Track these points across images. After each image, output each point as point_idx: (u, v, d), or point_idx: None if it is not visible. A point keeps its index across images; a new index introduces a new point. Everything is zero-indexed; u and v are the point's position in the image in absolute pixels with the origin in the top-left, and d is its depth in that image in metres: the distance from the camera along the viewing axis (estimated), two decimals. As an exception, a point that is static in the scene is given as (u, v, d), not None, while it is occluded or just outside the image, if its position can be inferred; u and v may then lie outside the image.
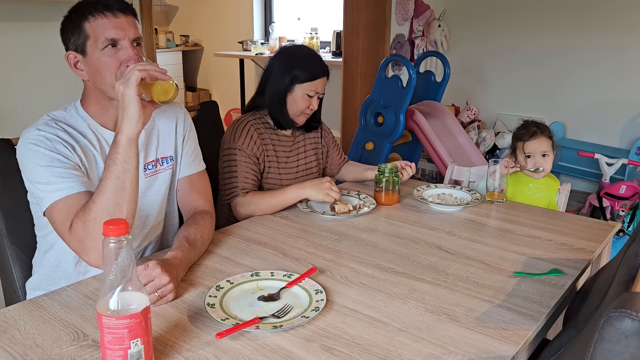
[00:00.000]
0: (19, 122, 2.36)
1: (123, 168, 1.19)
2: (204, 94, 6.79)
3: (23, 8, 2.32)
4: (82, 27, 1.27)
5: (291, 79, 1.80)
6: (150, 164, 1.43)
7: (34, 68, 2.41)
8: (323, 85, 1.85)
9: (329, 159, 2.09)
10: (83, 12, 1.27)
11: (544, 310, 1.15)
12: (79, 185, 1.23)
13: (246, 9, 6.21)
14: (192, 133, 1.56)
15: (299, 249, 1.45)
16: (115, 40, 1.27)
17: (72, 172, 1.24)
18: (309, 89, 1.81)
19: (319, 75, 1.81)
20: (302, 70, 1.80)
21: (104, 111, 1.36)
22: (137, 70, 1.18)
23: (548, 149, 2.02)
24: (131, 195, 1.21)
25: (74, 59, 1.31)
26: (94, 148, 1.33)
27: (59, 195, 1.21)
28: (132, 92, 1.18)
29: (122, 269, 0.87)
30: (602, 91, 3.92)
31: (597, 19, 3.84)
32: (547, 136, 2.04)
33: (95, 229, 1.16)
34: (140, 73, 1.18)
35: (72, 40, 1.29)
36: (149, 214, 1.44)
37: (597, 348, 0.71)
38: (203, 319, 1.10)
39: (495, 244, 1.50)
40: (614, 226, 1.66)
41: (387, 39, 4.00)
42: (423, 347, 1.01)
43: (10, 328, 1.06)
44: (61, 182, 1.22)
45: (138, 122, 1.20)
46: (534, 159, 2.02)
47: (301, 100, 1.82)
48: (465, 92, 4.51)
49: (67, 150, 1.26)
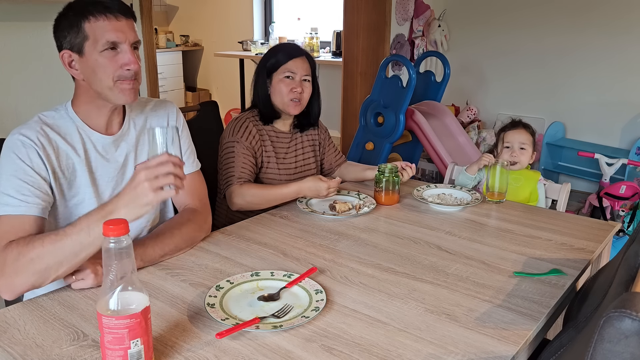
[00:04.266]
0: (19, 122, 2.35)
1: (92, 241, 1.12)
2: (204, 94, 6.79)
3: (23, 8, 2.32)
4: (80, 26, 1.25)
5: (267, 72, 1.89)
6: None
7: (34, 68, 2.41)
8: (301, 66, 1.87)
9: (325, 156, 2.10)
10: (82, 12, 1.25)
11: (544, 310, 1.15)
12: (30, 209, 1.20)
13: (246, 9, 6.21)
14: (185, 132, 1.55)
15: (299, 249, 1.45)
16: (116, 43, 1.26)
17: (32, 191, 1.21)
18: (283, 73, 1.86)
19: (289, 57, 1.86)
20: (272, 59, 1.88)
21: (95, 111, 1.34)
22: (172, 191, 1.12)
23: (527, 142, 2.09)
24: (76, 264, 1.16)
25: (69, 57, 1.29)
26: (75, 154, 1.31)
27: (6, 210, 1.18)
28: (156, 199, 1.11)
29: (122, 269, 0.87)
30: (602, 91, 3.92)
31: (597, 19, 3.84)
32: (529, 131, 2.12)
33: (25, 266, 1.12)
34: (171, 193, 1.12)
35: (68, 38, 1.27)
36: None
37: (597, 348, 0.71)
38: (203, 319, 1.10)
39: (495, 244, 1.50)
40: (614, 226, 1.66)
41: (387, 39, 4.00)
42: (423, 347, 1.01)
43: (10, 328, 1.06)
44: (15, 198, 1.19)
45: (141, 212, 1.13)
46: (512, 149, 2.08)
47: (282, 86, 1.85)
48: (465, 92, 4.51)
49: (39, 161, 1.24)
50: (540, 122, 4.15)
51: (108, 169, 1.37)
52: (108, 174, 1.37)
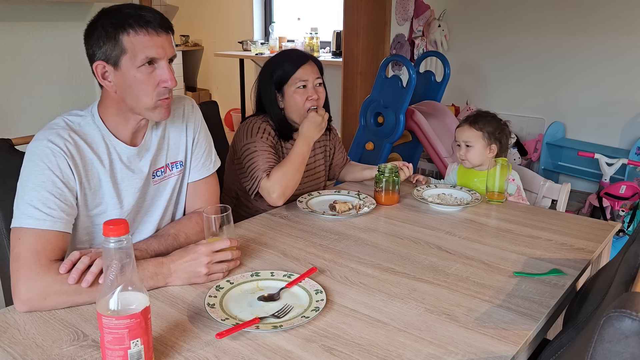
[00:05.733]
0: (19, 122, 2.36)
1: None
2: (204, 94, 6.78)
3: (23, 8, 2.32)
4: (118, 39, 1.20)
5: (276, 84, 1.81)
6: (160, 170, 1.41)
7: (34, 68, 2.41)
8: (311, 71, 1.81)
9: (333, 160, 2.09)
10: (122, 24, 1.20)
11: (544, 310, 1.15)
12: (55, 223, 1.18)
13: (246, 9, 6.21)
14: (203, 132, 1.51)
15: (299, 249, 1.45)
16: (155, 59, 1.23)
17: (58, 204, 1.19)
18: (295, 84, 1.79)
19: (297, 65, 1.79)
20: (279, 71, 1.81)
21: (123, 123, 1.31)
22: (220, 275, 1.27)
23: (472, 139, 1.97)
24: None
25: (103, 69, 1.23)
26: (100, 164, 1.28)
27: (29, 223, 1.16)
28: (205, 281, 1.25)
29: (122, 269, 0.87)
30: (602, 91, 3.92)
31: (597, 19, 3.84)
32: (476, 127, 1.98)
33: (58, 302, 1.12)
34: (220, 277, 1.27)
35: (104, 49, 1.21)
36: (153, 220, 1.43)
37: (597, 348, 0.71)
38: (203, 319, 1.10)
39: (495, 244, 1.50)
40: (614, 226, 1.65)
41: (387, 39, 3.99)
42: (423, 347, 1.01)
43: (10, 328, 1.06)
44: (40, 211, 1.17)
45: (186, 284, 1.25)
46: (460, 147, 2.01)
47: (296, 97, 1.79)
48: (465, 92, 4.51)
49: (68, 171, 1.22)
50: (540, 122, 4.15)
51: (133, 180, 1.35)
52: (133, 186, 1.35)
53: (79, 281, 1.12)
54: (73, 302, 1.13)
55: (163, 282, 1.22)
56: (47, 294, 1.11)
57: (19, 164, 1.24)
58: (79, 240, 1.31)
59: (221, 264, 1.26)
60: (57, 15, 2.43)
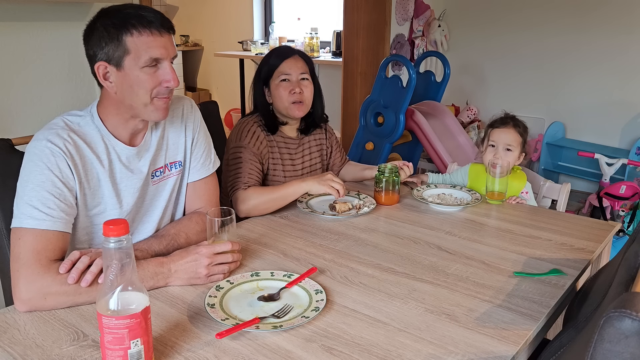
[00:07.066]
0: (19, 122, 2.36)
1: None
2: (204, 94, 6.78)
3: (23, 8, 2.32)
4: (121, 39, 1.19)
5: (263, 81, 1.87)
6: (159, 170, 1.41)
7: (34, 68, 2.41)
8: (294, 65, 1.84)
9: (331, 159, 2.09)
10: (124, 25, 1.19)
11: (544, 310, 1.15)
12: (54, 223, 1.17)
13: (246, 9, 6.21)
14: (202, 132, 1.51)
15: (299, 249, 1.45)
16: (159, 59, 1.23)
17: (58, 204, 1.19)
18: (279, 77, 1.83)
19: (281, 59, 1.84)
20: (265, 67, 1.86)
21: (123, 124, 1.31)
22: (221, 276, 1.27)
23: (514, 143, 1.86)
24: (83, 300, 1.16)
25: (104, 69, 1.23)
26: (100, 164, 1.28)
27: (29, 223, 1.15)
28: (205, 282, 1.25)
29: (122, 269, 0.87)
30: (602, 91, 3.92)
31: (597, 19, 3.84)
32: (518, 131, 1.87)
33: (58, 302, 1.12)
34: (220, 278, 1.27)
35: (106, 50, 1.21)
36: (153, 220, 1.43)
37: (597, 348, 0.71)
38: (203, 319, 1.10)
39: (495, 244, 1.50)
40: (614, 226, 1.65)
41: (387, 39, 3.99)
42: (423, 347, 1.01)
43: (10, 328, 1.06)
44: (40, 211, 1.16)
45: (186, 284, 1.25)
46: (496, 150, 1.87)
47: (280, 90, 1.83)
48: (465, 92, 4.51)
49: (68, 171, 1.22)
50: (540, 122, 4.15)
51: (132, 180, 1.34)
52: (133, 186, 1.35)
53: (78, 281, 1.12)
54: (73, 302, 1.13)
55: (163, 282, 1.22)
56: (47, 294, 1.11)
57: (19, 164, 1.24)
58: (79, 240, 1.31)
59: (221, 265, 1.26)
60: (57, 15, 2.43)
